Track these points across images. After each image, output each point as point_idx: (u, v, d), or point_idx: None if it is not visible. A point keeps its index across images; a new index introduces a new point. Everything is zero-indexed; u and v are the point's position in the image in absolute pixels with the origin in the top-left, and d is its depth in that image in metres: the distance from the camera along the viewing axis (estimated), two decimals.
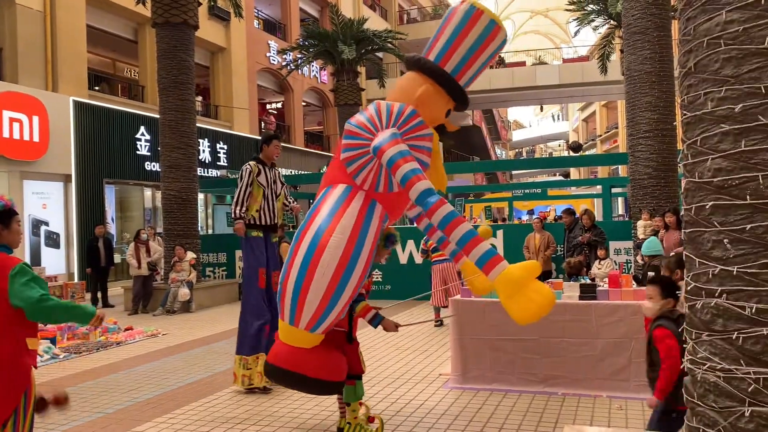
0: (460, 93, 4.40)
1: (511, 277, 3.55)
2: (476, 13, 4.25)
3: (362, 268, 4.12)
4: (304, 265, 4.06)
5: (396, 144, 4.10)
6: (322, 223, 4.14)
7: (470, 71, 4.40)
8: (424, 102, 4.31)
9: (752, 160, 2.25)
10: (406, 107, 4.26)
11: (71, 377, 7.15)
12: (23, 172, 14.83)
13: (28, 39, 15.50)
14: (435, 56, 4.35)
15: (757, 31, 2.23)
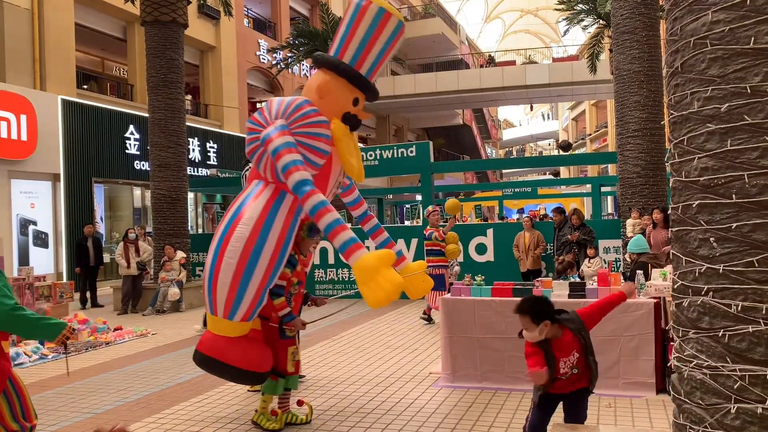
0: (359, 81, 4.74)
1: (365, 265, 3.85)
2: (365, 3, 4.60)
3: (269, 256, 4.50)
4: (213, 258, 4.58)
5: (281, 135, 4.48)
6: (230, 216, 4.61)
7: (368, 60, 4.71)
8: (323, 93, 4.70)
9: (738, 159, 2.27)
10: (296, 100, 4.69)
11: (60, 378, 7.11)
12: (11, 171, 14.72)
13: (15, 37, 15.38)
14: (334, 51, 4.75)
15: (743, 31, 2.25)
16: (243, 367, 4.65)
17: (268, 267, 4.53)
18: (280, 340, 4.91)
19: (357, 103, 4.78)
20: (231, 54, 23.76)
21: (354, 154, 4.81)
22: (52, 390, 6.54)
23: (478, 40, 55.36)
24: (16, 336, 8.40)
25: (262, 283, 4.55)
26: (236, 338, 4.69)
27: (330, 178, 4.94)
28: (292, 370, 4.95)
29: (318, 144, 4.63)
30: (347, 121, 4.74)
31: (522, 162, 37.27)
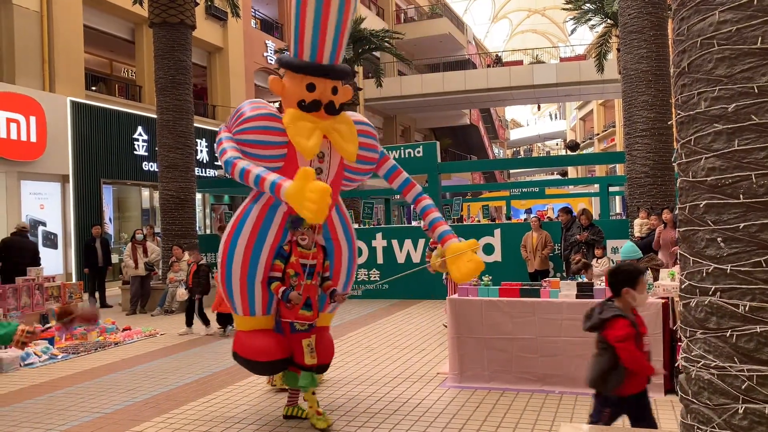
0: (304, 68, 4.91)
1: (291, 191, 4.23)
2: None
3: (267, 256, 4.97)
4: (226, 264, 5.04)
5: (222, 144, 4.93)
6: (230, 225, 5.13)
7: (327, 42, 4.82)
8: (276, 90, 5.05)
9: (745, 159, 2.27)
10: (239, 107, 5.05)
11: (70, 377, 7.16)
12: (21, 173, 14.82)
13: (25, 39, 15.48)
14: (293, 49, 4.96)
15: (750, 31, 2.25)
16: (248, 356, 5.09)
17: (266, 268, 5.01)
18: (291, 334, 4.97)
19: (312, 88, 4.89)
20: (238, 55, 23.82)
21: (304, 134, 4.85)
22: (62, 390, 6.59)
23: (485, 40, 55.30)
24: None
25: (266, 276, 5.02)
26: (250, 331, 5.13)
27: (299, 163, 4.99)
28: (310, 362, 4.93)
29: (261, 137, 4.86)
30: (306, 108, 4.91)
31: (529, 162, 37.19)
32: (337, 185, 5.24)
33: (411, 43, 34.67)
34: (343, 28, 4.84)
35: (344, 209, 5.51)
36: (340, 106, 5.09)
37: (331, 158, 5.13)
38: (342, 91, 5.10)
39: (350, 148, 5.06)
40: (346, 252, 5.41)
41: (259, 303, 5.07)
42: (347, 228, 5.45)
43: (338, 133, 5.03)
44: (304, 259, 4.93)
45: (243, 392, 6.19)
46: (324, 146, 5.03)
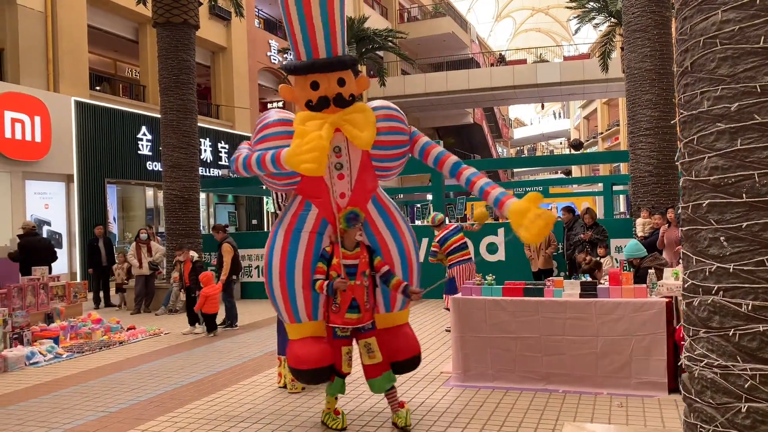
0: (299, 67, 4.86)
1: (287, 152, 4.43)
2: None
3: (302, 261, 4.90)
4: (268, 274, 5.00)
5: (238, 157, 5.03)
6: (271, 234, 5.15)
7: (318, 37, 4.73)
8: (286, 97, 5.05)
9: (748, 158, 2.27)
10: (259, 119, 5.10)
11: (74, 376, 7.19)
12: (25, 173, 14.87)
13: (29, 39, 15.53)
14: (292, 53, 4.94)
15: (753, 30, 2.25)
16: (292, 365, 5.03)
17: (304, 272, 4.90)
18: (333, 340, 4.89)
19: (316, 86, 4.82)
20: (242, 55, 23.85)
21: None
22: (67, 389, 6.62)
23: (488, 39, 55.23)
24: (30, 335, 8.50)
25: (305, 282, 4.91)
26: (297, 340, 5.02)
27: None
28: (347, 371, 4.90)
29: (278, 143, 4.81)
30: (315, 108, 4.85)
31: (533, 161, 37.14)
32: (366, 177, 5.04)
33: (414, 43, 34.67)
34: (331, 18, 4.69)
35: (386, 202, 5.24)
36: (352, 96, 4.91)
37: (350, 150, 4.95)
38: (351, 80, 4.91)
39: (365, 135, 4.80)
40: (393, 247, 5.11)
41: (302, 308, 4.93)
42: (391, 221, 5.17)
43: (350, 123, 4.83)
44: (345, 259, 4.81)
45: (247, 391, 6.21)
46: (339, 140, 4.88)
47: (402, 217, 5.28)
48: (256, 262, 14.19)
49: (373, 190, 5.17)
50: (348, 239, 4.85)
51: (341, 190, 4.95)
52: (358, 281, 4.81)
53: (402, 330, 5.21)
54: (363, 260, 4.88)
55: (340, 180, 4.95)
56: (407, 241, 5.20)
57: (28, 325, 8.68)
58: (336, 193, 4.93)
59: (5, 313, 8.29)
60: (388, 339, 5.03)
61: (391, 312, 5.16)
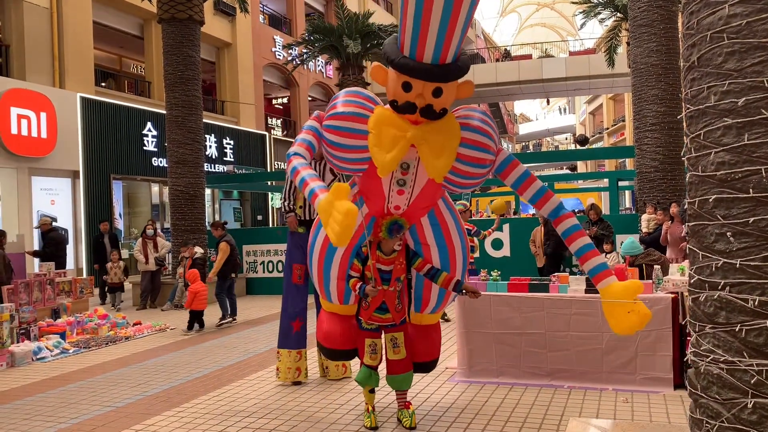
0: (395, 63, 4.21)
1: (321, 206, 3.76)
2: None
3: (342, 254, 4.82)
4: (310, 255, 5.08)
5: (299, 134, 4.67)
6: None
7: (430, 38, 3.97)
8: (377, 79, 4.47)
9: (755, 153, 2.26)
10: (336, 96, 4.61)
11: (81, 371, 7.22)
12: (31, 169, 14.93)
13: (35, 36, 15.57)
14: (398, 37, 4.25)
15: (760, 24, 2.24)
16: (318, 337, 5.24)
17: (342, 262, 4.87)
18: (359, 330, 4.90)
19: (408, 88, 4.21)
20: (247, 50, 23.85)
21: (385, 145, 4.29)
22: (74, 384, 6.65)
23: (493, 34, 55.09)
24: (37, 330, 8.55)
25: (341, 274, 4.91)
26: (328, 313, 5.15)
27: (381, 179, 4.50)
28: (369, 362, 4.84)
29: (342, 140, 4.38)
30: (398, 110, 4.33)
31: (538, 156, 37.06)
32: (427, 196, 4.67)
33: None
34: (453, 22, 3.90)
35: (443, 215, 4.87)
36: (443, 109, 4.34)
37: (418, 170, 4.49)
38: (450, 90, 4.29)
39: (439, 165, 4.33)
40: (437, 255, 4.84)
41: (335, 293, 4.99)
42: (441, 232, 4.84)
43: (428, 146, 4.31)
44: (380, 264, 4.69)
45: (253, 386, 6.23)
46: (410, 156, 4.41)
47: (458, 228, 4.95)
48: (262, 257, 14.22)
49: (434, 204, 4.84)
50: (386, 245, 4.69)
51: (397, 203, 4.64)
52: (392, 287, 4.72)
53: (428, 332, 5.09)
54: (399, 266, 4.73)
55: (399, 195, 4.60)
56: (455, 258, 4.90)
57: (34, 321, 8.72)
58: (391, 204, 4.65)
59: (12, 309, 8.34)
60: (413, 336, 4.98)
61: (421, 313, 5.05)
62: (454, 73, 4.24)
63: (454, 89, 4.34)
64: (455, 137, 4.36)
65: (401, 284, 4.79)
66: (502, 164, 4.57)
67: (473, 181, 4.57)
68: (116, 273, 12.39)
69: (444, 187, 4.63)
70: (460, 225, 4.98)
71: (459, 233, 4.92)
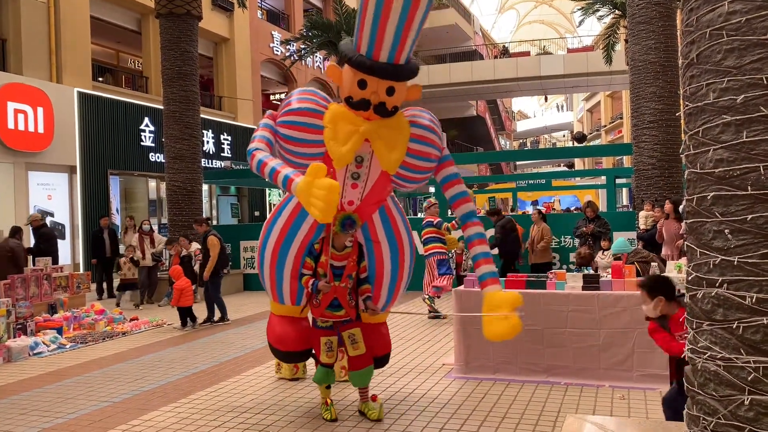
0: (353, 61, 4.48)
1: (300, 187, 4.02)
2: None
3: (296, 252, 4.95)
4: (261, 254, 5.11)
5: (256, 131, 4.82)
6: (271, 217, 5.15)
7: (387, 38, 4.28)
8: (332, 77, 4.75)
9: (753, 151, 2.26)
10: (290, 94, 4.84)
11: (78, 367, 7.22)
12: (28, 163, 14.88)
13: (32, 30, 15.50)
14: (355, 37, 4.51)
15: (760, 21, 2.23)
16: (270, 341, 5.33)
17: (295, 262, 4.98)
18: (313, 329, 4.99)
19: (364, 85, 4.48)
20: (245, 46, 23.79)
21: (341, 138, 4.53)
22: (71, 379, 6.64)
23: (492, 31, 55.04)
24: (34, 325, 8.53)
25: (294, 272, 5.01)
26: (279, 317, 5.26)
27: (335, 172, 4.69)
28: (326, 361, 4.91)
29: (298, 134, 4.64)
30: (353, 106, 4.59)
31: (536, 154, 37.14)
32: (380, 190, 4.89)
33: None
34: (409, 23, 4.19)
35: (392, 211, 5.12)
36: (395, 108, 4.64)
37: (371, 164, 4.74)
38: (401, 90, 4.59)
39: (392, 158, 4.62)
40: (387, 253, 5.06)
41: (287, 293, 5.09)
42: (391, 228, 5.07)
43: (382, 140, 4.60)
44: (333, 260, 4.77)
45: (250, 382, 6.23)
46: (364, 150, 4.66)
47: (405, 227, 5.20)
48: None
49: (383, 200, 5.05)
50: (338, 241, 4.81)
51: (351, 198, 4.82)
52: (343, 283, 4.83)
53: (378, 328, 5.31)
54: (351, 263, 4.86)
55: (353, 189, 4.79)
56: (404, 254, 5.15)
57: (31, 316, 8.71)
58: (345, 199, 4.80)
59: (9, 304, 8.32)
60: (367, 334, 5.08)
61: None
62: (406, 73, 4.56)
63: (404, 90, 4.64)
64: (406, 132, 4.69)
65: (352, 281, 4.91)
66: (440, 161, 4.92)
67: (421, 176, 4.88)
68: (130, 268, 12.07)
69: (394, 182, 4.91)
70: (407, 222, 5.25)
71: (406, 228, 5.21)
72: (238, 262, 14.54)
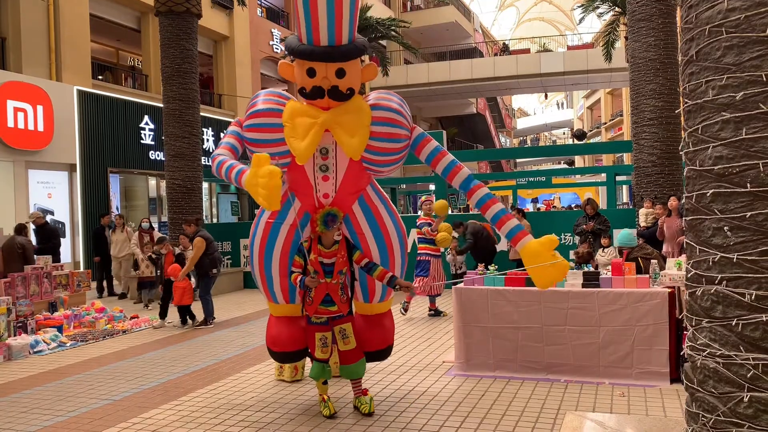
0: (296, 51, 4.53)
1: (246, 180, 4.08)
2: None
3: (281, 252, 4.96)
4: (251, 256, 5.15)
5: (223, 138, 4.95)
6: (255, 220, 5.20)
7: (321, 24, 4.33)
8: (285, 75, 4.78)
9: (753, 148, 2.26)
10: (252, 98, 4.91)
11: (78, 365, 7.22)
12: (28, 162, 14.88)
13: (31, 28, 15.49)
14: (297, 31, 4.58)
15: (759, 18, 2.23)
16: (266, 342, 5.31)
17: (282, 260, 5.01)
18: (308, 326, 4.98)
19: (313, 73, 4.51)
20: (244, 44, 23.76)
21: (299, 134, 4.55)
22: (71, 377, 6.65)
23: (492, 29, 54.97)
24: (34, 323, 8.54)
25: (282, 271, 5.02)
26: (276, 317, 5.26)
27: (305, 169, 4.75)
28: (320, 356, 4.92)
29: (262, 135, 4.69)
30: (308, 96, 4.64)
31: (536, 151, 37.08)
32: (353, 179, 4.87)
33: (417, 32, 34.50)
34: (338, 5, 4.23)
35: (373, 201, 5.07)
36: (350, 90, 4.63)
37: (338, 154, 4.74)
38: (353, 71, 4.58)
39: (353, 143, 4.60)
40: (374, 243, 5.02)
41: (279, 292, 5.12)
42: (375, 221, 5.03)
43: (341, 127, 4.60)
44: (322, 257, 4.77)
45: (250, 380, 6.24)
46: (327, 141, 4.69)
47: (390, 215, 5.12)
48: None
49: (362, 189, 5.01)
50: (325, 238, 4.80)
51: (325, 191, 4.83)
52: (334, 280, 4.82)
53: (379, 320, 5.24)
54: (341, 259, 4.84)
55: (325, 181, 4.80)
56: (391, 241, 5.08)
57: (32, 314, 8.71)
58: (320, 193, 4.83)
59: (9, 302, 8.32)
60: (364, 327, 5.09)
61: (370, 303, 5.23)
62: (350, 52, 4.52)
63: (357, 70, 4.64)
64: (366, 116, 4.64)
65: (344, 276, 4.90)
66: (415, 140, 4.88)
67: (390, 158, 4.80)
68: (148, 266, 11.70)
69: (367, 168, 4.86)
70: (392, 210, 5.15)
71: (391, 216, 5.10)
72: (238, 259, 14.55)
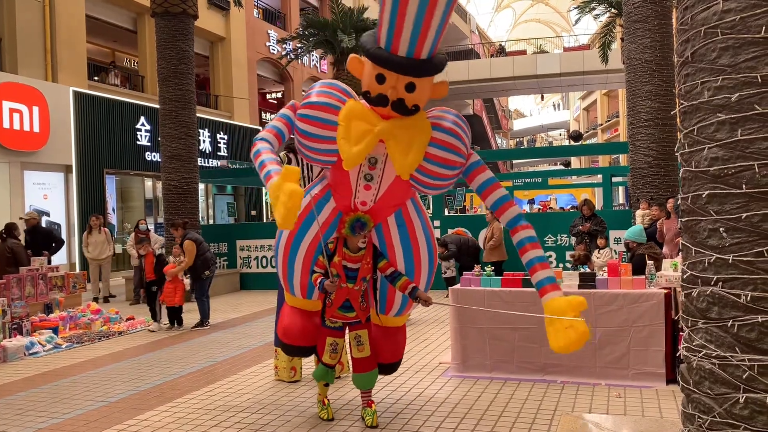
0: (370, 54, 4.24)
1: (271, 189, 3.94)
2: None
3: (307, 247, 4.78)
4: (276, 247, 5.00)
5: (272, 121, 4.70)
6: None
7: (405, 33, 3.99)
8: (354, 70, 4.47)
9: (748, 149, 2.27)
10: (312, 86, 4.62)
11: (74, 366, 7.20)
12: (24, 163, 14.83)
13: (27, 29, 15.45)
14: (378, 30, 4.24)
15: (754, 20, 2.24)
16: (278, 330, 5.29)
17: (306, 256, 4.81)
18: (322, 327, 4.88)
19: (382, 80, 4.22)
20: (241, 45, 23.75)
21: (353, 138, 4.29)
22: (67, 379, 6.63)
23: (488, 30, 55.06)
24: (30, 325, 8.51)
25: (305, 267, 4.84)
26: (291, 308, 5.09)
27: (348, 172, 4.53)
28: (328, 361, 4.85)
29: (313, 129, 4.37)
30: (371, 101, 4.36)
31: (532, 152, 37.10)
32: (395, 194, 4.65)
33: None
34: (429, 16, 3.90)
35: (410, 214, 4.83)
36: (416, 106, 4.33)
37: (386, 167, 4.49)
38: (423, 87, 4.29)
39: (405, 163, 4.32)
40: (402, 259, 4.78)
41: (297, 286, 4.92)
42: (407, 235, 4.79)
43: (396, 141, 4.31)
44: (346, 261, 4.64)
45: (246, 382, 6.23)
46: (378, 151, 4.42)
47: (425, 230, 4.88)
48: (256, 253, 14.20)
49: (401, 204, 4.80)
50: (351, 242, 4.65)
51: (364, 198, 4.62)
52: (357, 286, 4.70)
53: (392, 333, 5.04)
54: (366, 266, 4.70)
55: (366, 190, 4.58)
56: (420, 257, 4.83)
57: (27, 316, 8.68)
58: (358, 200, 4.63)
59: (4, 304, 8.29)
60: (377, 337, 4.94)
61: (386, 315, 4.99)
62: (427, 69, 4.23)
63: (428, 87, 4.34)
64: (425, 135, 4.34)
65: (366, 284, 4.77)
66: (469, 167, 4.55)
67: (441, 183, 4.51)
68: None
69: (413, 187, 4.61)
70: (428, 228, 4.92)
71: (426, 236, 4.87)
72: (234, 261, 14.52)
